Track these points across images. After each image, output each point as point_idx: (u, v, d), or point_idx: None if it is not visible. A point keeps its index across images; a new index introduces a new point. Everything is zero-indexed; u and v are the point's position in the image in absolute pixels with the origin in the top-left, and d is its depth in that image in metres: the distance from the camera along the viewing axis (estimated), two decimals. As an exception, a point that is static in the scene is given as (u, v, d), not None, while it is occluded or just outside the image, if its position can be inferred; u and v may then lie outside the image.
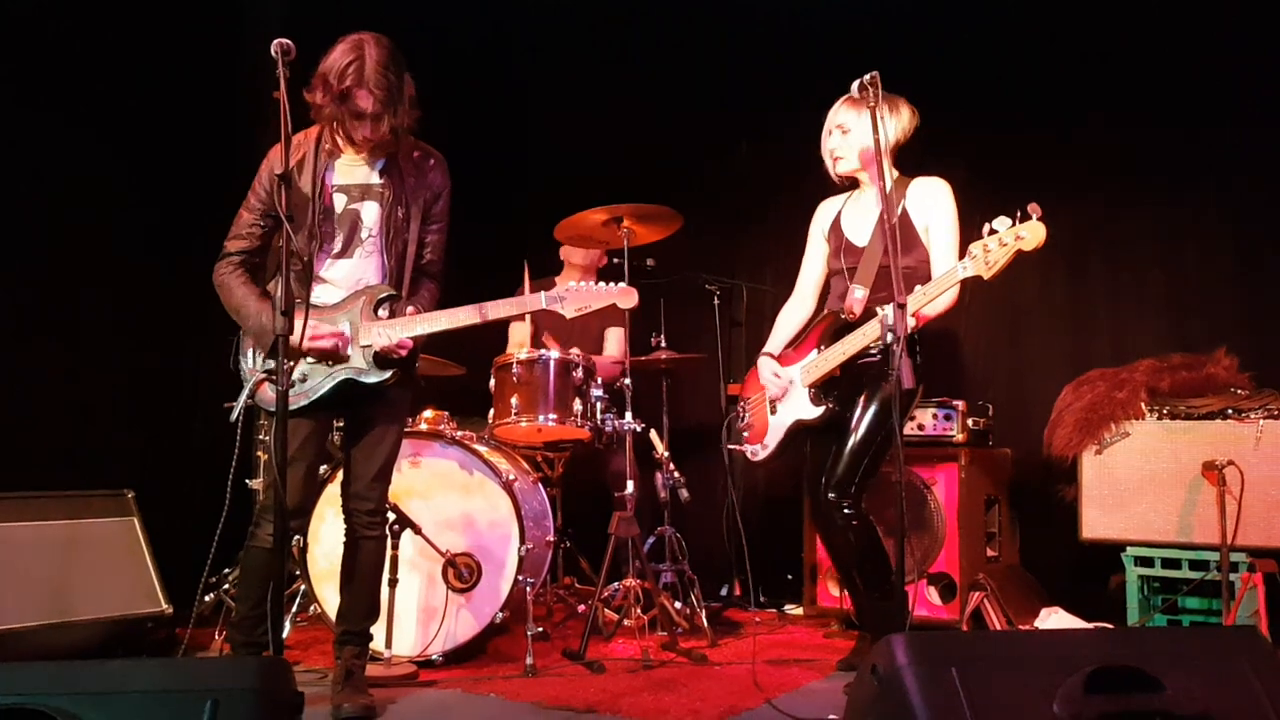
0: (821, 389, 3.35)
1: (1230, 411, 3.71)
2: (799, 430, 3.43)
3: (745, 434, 3.62)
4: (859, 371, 3.30)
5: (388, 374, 2.94)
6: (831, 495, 3.27)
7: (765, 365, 3.52)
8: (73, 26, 4.18)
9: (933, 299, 3.08)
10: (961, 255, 3.03)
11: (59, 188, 4.12)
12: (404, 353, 2.93)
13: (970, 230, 3.32)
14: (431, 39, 5.28)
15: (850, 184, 3.52)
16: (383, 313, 2.95)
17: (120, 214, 4.34)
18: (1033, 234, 2.82)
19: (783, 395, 3.45)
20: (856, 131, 3.37)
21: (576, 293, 3.05)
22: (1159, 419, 3.82)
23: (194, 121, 4.50)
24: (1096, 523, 3.90)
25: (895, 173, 3.40)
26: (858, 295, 3.33)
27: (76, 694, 1.79)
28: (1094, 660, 1.85)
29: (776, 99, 5.00)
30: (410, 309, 2.97)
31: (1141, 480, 3.81)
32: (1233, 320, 4.09)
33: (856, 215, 3.49)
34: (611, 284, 3.09)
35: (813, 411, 3.36)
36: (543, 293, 3.05)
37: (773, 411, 3.50)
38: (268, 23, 4.73)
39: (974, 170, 4.02)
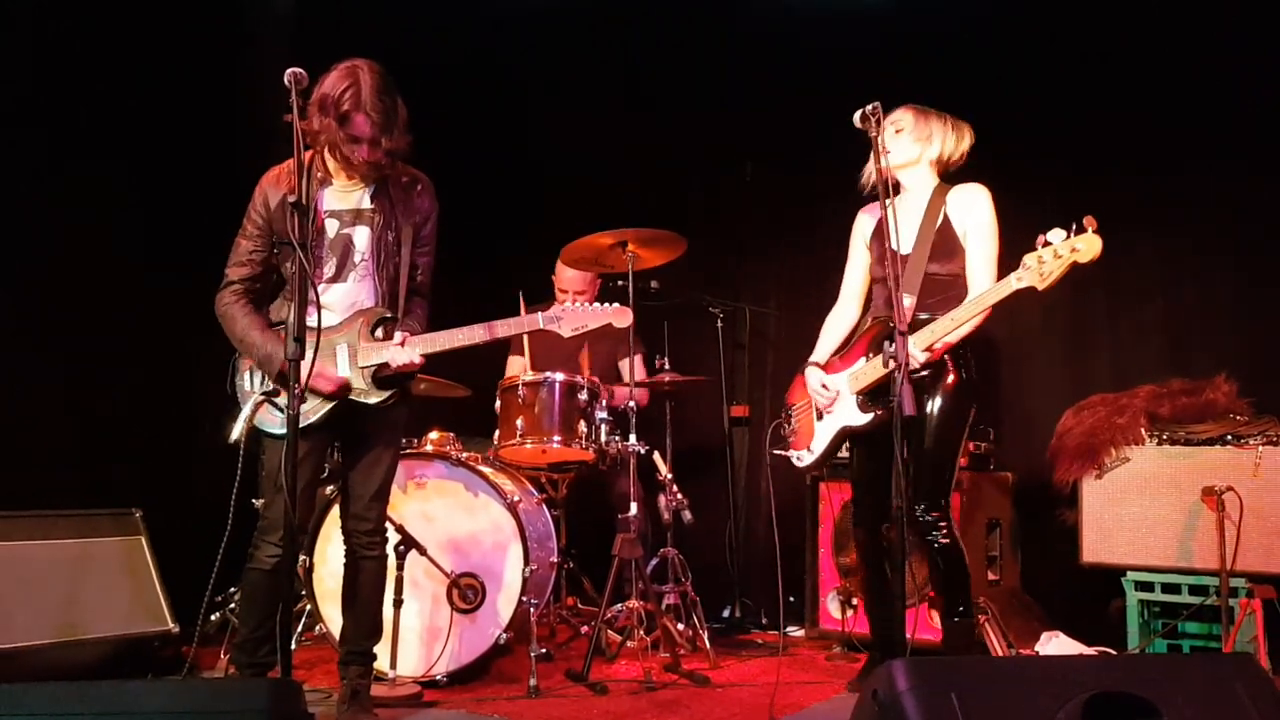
0: (869, 396, 3.33)
1: (1230, 437, 3.74)
2: (845, 436, 3.43)
3: (791, 439, 3.62)
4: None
5: (387, 394, 2.98)
6: (920, 509, 3.22)
7: (813, 376, 3.49)
8: (73, 26, 4.18)
9: (982, 310, 3.09)
10: (1001, 264, 3.01)
11: (59, 188, 4.10)
12: (416, 368, 2.97)
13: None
14: (431, 39, 5.29)
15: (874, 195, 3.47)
16: (379, 334, 2.99)
17: (120, 214, 4.31)
18: (1088, 246, 2.81)
19: (829, 405, 3.44)
20: (909, 131, 3.39)
21: (573, 313, 3.08)
22: (1159, 444, 3.85)
23: (194, 121, 4.47)
24: (1097, 547, 3.92)
25: (935, 180, 3.43)
26: (906, 304, 3.27)
27: (89, 715, 1.82)
28: (1092, 686, 1.88)
29: (777, 102, 4.99)
30: (402, 330, 2.99)
31: (1142, 505, 3.84)
32: (1232, 346, 4.10)
33: (898, 222, 3.48)
34: (607, 304, 3.13)
35: (861, 418, 3.34)
36: (539, 313, 3.08)
37: (819, 417, 3.49)
38: (269, 23, 4.75)
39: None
